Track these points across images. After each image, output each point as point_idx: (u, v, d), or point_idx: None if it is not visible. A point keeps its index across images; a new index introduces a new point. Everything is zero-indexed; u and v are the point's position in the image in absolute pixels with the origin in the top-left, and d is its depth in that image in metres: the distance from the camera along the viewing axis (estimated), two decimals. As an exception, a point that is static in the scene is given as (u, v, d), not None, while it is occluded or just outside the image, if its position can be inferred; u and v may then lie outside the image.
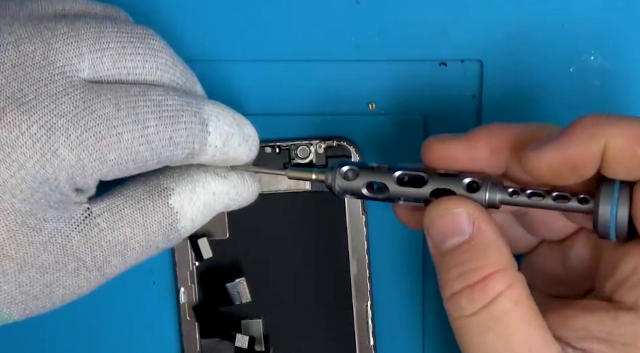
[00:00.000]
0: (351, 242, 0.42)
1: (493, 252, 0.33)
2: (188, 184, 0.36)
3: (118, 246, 0.34)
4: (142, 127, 0.33)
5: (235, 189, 0.37)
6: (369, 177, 0.35)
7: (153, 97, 0.34)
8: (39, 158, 0.32)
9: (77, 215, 0.34)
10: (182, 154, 0.34)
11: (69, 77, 0.33)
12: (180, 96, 0.35)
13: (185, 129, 0.34)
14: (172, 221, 0.35)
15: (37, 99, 0.32)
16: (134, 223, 0.35)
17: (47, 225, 0.33)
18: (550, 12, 0.40)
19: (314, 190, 0.41)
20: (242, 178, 0.37)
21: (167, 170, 0.36)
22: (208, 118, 0.35)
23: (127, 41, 0.34)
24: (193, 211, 0.36)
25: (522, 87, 0.40)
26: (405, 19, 0.40)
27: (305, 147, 0.41)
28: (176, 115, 0.34)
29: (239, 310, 0.41)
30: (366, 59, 0.41)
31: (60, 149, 0.32)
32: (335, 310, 0.42)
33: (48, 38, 0.33)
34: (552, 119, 0.40)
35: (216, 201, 0.36)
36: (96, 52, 0.33)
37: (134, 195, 0.35)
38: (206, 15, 0.41)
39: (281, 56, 0.41)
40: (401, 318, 0.43)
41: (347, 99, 0.41)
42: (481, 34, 0.40)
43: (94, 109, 0.32)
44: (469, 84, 0.41)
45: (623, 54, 0.40)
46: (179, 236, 0.36)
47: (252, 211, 0.41)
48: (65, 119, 0.32)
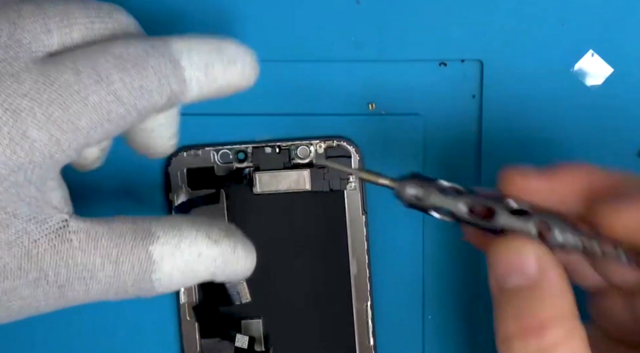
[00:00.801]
0: (351, 242, 0.42)
1: (555, 300, 0.31)
2: (175, 237, 0.33)
3: (84, 272, 0.32)
4: (107, 84, 0.31)
5: (223, 258, 0.34)
6: (438, 200, 0.33)
7: (113, 50, 0.32)
8: (7, 142, 0.30)
9: (52, 222, 0.32)
10: (161, 99, 0.33)
11: (33, 53, 0.31)
12: (142, 42, 0.33)
13: (154, 73, 0.32)
14: (147, 269, 0.33)
15: (1, 80, 0.30)
16: (107, 255, 0.32)
17: (15, 223, 0.31)
18: (550, 12, 0.40)
19: (314, 190, 0.41)
20: (234, 248, 0.35)
21: (162, 219, 0.34)
22: (178, 55, 0.33)
23: (95, 16, 0.33)
24: (172, 266, 0.33)
25: (522, 87, 0.40)
26: (405, 19, 0.40)
27: (305, 147, 0.41)
28: (140, 62, 0.32)
29: (239, 310, 0.41)
30: (366, 59, 0.41)
31: (29, 130, 0.30)
32: (335, 310, 0.42)
33: (15, 18, 0.32)
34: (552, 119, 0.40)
35: (200, 265, 0.34)
36: (64, 28, 0.32)
37: (118, 229, 0.33)
38: (206, 15, 0.41)
39: (281, 56, 0.41)
40: (401, 318, 0.43)
41: (347, 99, 0.41)
42: (481, 34, 0.40)
43: (53, 80, 0.31)
44: (469, 84, 0.41)
45: (623, 54, 0.40)
46: (152, 287, 0.33)
47: (252, 211, 0.42)
48: (28, 98, 0.30)
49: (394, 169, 0.39)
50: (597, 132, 0.40)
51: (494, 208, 0.33)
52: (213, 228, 0.34)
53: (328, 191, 0.42)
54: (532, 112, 0.41)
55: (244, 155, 0.42)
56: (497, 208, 0.33)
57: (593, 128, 0.40)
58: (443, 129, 0.41)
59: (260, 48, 0.41)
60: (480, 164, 0.41)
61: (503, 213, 0.32)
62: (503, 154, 0.41)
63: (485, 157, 0.41)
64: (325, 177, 0.41)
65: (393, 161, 0.39)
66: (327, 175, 0.41)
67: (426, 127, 0.41)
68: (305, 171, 0.41)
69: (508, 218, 0.32)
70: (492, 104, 0.41)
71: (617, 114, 0.40)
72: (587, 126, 0.40)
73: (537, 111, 0.41)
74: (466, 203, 0.33)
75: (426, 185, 0.33)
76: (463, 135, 0.41)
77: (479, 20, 0.40)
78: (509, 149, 0.41)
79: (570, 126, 0.41)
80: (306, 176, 0.41)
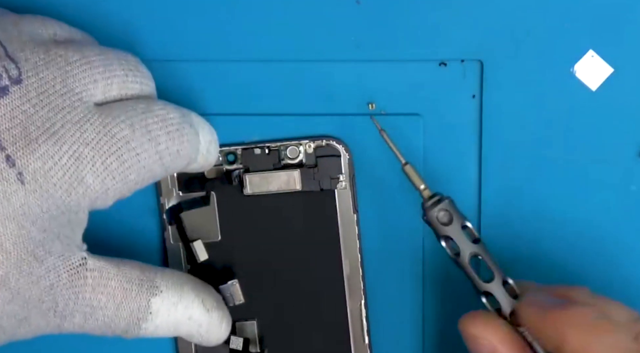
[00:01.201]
0: (343, 241, 0.42)
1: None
2: (175, 296, 0.37)
3: (87, 307, 0.34)
4: (155, 144, 0.34)
5: (208, 327, 0.38)
6: (453, 233, 0.37)
7: (158, 111, 0.35)
8: (67, 187, 0.32)
9: (74, 259, 0.34)
10: (184, 164, 0.36)
11: (85, 103, 0.33)
12: (175, 108, 0.36)
13: (188, 141, 0.36)
14: (142, 318, 0.36)
15: (65, 128, 0.32)
16: (112, 297, 0.35)
17: (48, 259, 0.33)
18: (551, 12, 0.40)
19: (304, 190, 0.41)
20: (221, 320, 0.39)
21: (167, 273, 0.37)
22: (197, 128, 0.37)
23: (128, 69, 0.35)
24: (163, 320, 0.36)
25: (522, 88, 0.41)
26: (405, 19, 0.40)
27: (295, 147, 0.41)
28: (180, 128, 0.35)
29: (233, 312, 0.41)
30: (366, 59, 0.41)
31: (86, 177, 0.32)
32: (329, 310, 0.42)
33: (63, 66, 0.33)
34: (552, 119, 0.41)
35: (187, 326, 0.37)
36: (107, 79, 0.34)
37: (128, 274, 0.36)
38: (206, 15, 0.41)
39: (281, 56, 0.41)
40: (396, 316, 0.43)
41: (347, 99, 0.41)
42: (481, 34, 0.40)
43: (113, 133, 0.33)
44: (469, 84, 0.41)
45: (623, 54, 0.40)
46: (137, 333, 0.36)
47: (244, 212, 0.42)
48: (90, 147, 0.32)
49: (394, 169, 0.39)
50: (597, 132, 0.41)
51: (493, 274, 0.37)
52: (209, 297, 0.38)
53: (319, 190, 0.42)
54: (532, 112, 0.41)
55: (233, 157, 0.41)
56: (495, 280, 0.37)
57: (593, 128, 0.41)
58: (443, 129, 0.41)
59: (261, 48, 0.41)
60: (480, 165, 0.41)
61: (496, 286, 0.37)
62: (503, 154, 0.41)
63: (485, 157, 0.41)
64: (315, 177, 0.41)
65: (393, 161, 0.39)
66: (317, 175, 0.41)
67: (426, 127, 0.41)
68: (295, 172, 0.41)
69: (498, 291, 0.37)
70: (492, 104, 0.41)
71: (617, 114, 0.40)
72: (587, 126, 0.41)
73: (537, 111, 0.41)
74: (472, 253, 0.37)
75: (454, 215, 0.37)
76: (463, 135, 0.41)
77: (479, 20, 0.40)
78: (509, 149, 0.41)
79: (570, 126, 0.41)
80: (296, 176, 0.41)
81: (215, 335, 0.39)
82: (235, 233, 0.42)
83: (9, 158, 0.31)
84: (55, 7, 0.40)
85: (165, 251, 0.42)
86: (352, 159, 0.41)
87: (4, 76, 0.31)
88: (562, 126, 0.41)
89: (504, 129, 0.41)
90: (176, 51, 0.41)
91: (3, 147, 0.31)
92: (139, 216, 0.42)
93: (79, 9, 0.40)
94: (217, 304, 0.39)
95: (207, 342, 0.39)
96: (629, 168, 0.41)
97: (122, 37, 0.40)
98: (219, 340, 0.39)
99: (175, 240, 0.42)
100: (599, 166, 0.41)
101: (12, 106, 0.31)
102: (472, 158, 0.41)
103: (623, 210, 0.41)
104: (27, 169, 0.31)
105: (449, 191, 0.38)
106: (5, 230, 0.31)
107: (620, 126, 0.40)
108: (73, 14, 0.40)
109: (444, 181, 0.41)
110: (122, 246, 0.42)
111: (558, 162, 0.41)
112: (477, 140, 0.41)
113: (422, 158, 0.41)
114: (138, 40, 0.41)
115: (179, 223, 0.41)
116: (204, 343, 0.39)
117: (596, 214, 0.41)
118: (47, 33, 0.35)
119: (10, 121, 0.31)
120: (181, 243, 0.42)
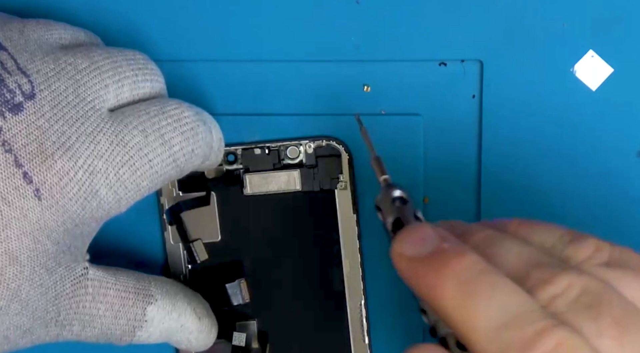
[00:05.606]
0: (343, 241, 0.42)
1: None
2: (169, 304, 0.37)
3: (87, 316, 0.35)
4: (169, 147, 0.34)
5: (198, 334, 0.38)
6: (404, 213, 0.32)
7: (171, 112, 0.35)
8: (82, 201, 0.32)
9: (78, 269, 0.34)
10: (199, 162, 0.36)
11: (98, 111, 0.33)
12: (189, 106, 0.36)
13: (202, 139, 0.36)
14: (137, 325, 0.36)
15: (79, 141, 0.32)
16: (110, 306, 0.35)
17: (57, 270, 0.33)
18: (550, 12, 0.40)
19: (304, 190, 0.41)
20: (210, 328, 0.39)
21: (160, 281, 0.37)
22: (210, 125, 0.37)
23: (137, 68, 0.35)
24: (157, 328, 0.37)
25: (522, 88, 0.41)
26: (405, 19, 0.40)
27: (295, 147, 0.41)
28: (194, 127, 0.35)
29: (233, 312, 0.41)
30: (366, 59, 0.41)
31: (100, 190, 0.32)
32: (329, 309, 0.42)
33: (73, 74, 0.33)
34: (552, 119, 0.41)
35: (178, 334, 0.38)
36: (117, 82, 0.34)
37: (124, 283, 0.36)
38: (205, 16, 0.41)
39: (281, 56, 0.41)
40: (396, 316, 0.43)
41: (347, 99, 0.41)
42: (481, 34, 0.40)
43: (126, 142, 0.33)
44: (469, 84, 0.41)
45: (623, 54, 0.40)
46: (131, 340, 0.37)
47: (244, 212, 0.42)
48: (103, 160, 0.32)
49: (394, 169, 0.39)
50: (597, 132, 0.41)
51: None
52: (199, 304, 0.39)
53: (318, 191, 0.42)
54: (532, 112, 0.41)
55: (233, 157, 0.41)
56: None
57: (593, 128, 0.41)
58: (443, 129, 0.41)
59: (260, 48, 0.41)
60: (480, 165, 0.41)
61: None
62: (503, 154, 0.41)
63: (485, 157, 0.41)
64: (315, 177, 0.42)
65: (393, 161, 0.39)
66: (317, 175, 0.41)
67: (426, 127, 0.41)
68: (295, 172, 0.41)
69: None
70: (492, 104, 0.41)
71: (617, 114, 0.40)
72: (587, 126, 0.41)
73: (537, 111, 0.41)
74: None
75: (409, 201, 0.32)
76: (463, 135, 0.41)
77: (479, 20, 0.40)
78: (509, 149, 0.41)
79: (570, 126, 0.41)
80: (296, 176, 0.41)
81: (203, 341, 0.39)
82: (235, 233, 0.42)
83: (27, 175, 0.31)
84: (63, 7, 0.40)
85: (165, 251, 0.42)
86: (352, 159, 0.42)
87: (18, 92, 0.31)
88: (562, 126, 0.41)
89: (504, 129, 0.41)
90: (176, 51, 0.41)
91: (20, 164, 0.31)
92: (139, 216, 0.42)
93: (86, 9, 0.41)
94: (206, 312, 0.39)
95: (194, 348, 0.39)
96: (629, 168, 0.41)
97: (121, 37, 0.41)
98: (206, 347, 0.40)
99: (175, 240, 0.42)
100: (599, 166, 0.41)
101: (27, 122, 0.31)
102: (472, 158, 0.41)
103: (623, 210, 0.41)
104: (44, 185, 0.31)
105: (449, 191, 0.38)
106: (21, 244, 0.31)
107: (620, 126, 0.40)
108: (80, 15, 0.40)
109: (444, 181, 0.41)
110: (122, 246, 0.42)
111: (558, 162, 0.41)
112: (477, 140, 0.41)
113: (422, 158, 0.41)
114: (138, 40, 0.41)
115: (179, 223, 0.41)
116: (191, 349, 0.39)
117: (596, 214, 0.41)
118: (53, 37, 0.35)
119: (26, 137, 0.31)
120: (181, 243, 0.42)
